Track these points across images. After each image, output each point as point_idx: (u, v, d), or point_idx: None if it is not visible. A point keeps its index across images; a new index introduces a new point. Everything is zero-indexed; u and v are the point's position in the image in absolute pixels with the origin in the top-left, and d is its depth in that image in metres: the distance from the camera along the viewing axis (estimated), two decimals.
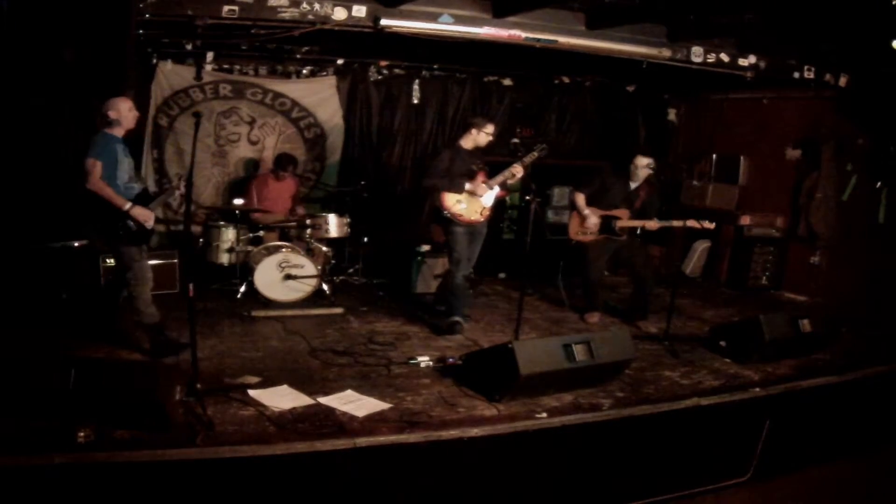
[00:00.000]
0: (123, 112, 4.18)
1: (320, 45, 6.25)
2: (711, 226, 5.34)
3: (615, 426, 3.73)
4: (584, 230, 5.60)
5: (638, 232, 5.62)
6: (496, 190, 5.15)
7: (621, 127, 8.25)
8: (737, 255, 7.38)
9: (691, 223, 5.28)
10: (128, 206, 4.09)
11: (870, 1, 4.71)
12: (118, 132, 4.21)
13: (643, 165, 5.51)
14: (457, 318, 5.20)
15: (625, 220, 5.54)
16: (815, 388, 4.38)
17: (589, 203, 5.62)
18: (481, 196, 5.09)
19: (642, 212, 5.57)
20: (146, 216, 4.16)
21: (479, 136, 5.09)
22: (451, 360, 4.40)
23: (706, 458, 3.98)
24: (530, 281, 6.17)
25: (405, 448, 3.27)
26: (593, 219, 5.56)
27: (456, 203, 5.06)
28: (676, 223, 5.46)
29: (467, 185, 5.04)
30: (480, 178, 5.10)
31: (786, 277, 7.33)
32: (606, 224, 5.55)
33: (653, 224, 5.47)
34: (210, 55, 6.46)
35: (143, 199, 4.26)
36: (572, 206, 5.77)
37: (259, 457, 3.03)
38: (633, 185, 5.62)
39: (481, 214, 5.15)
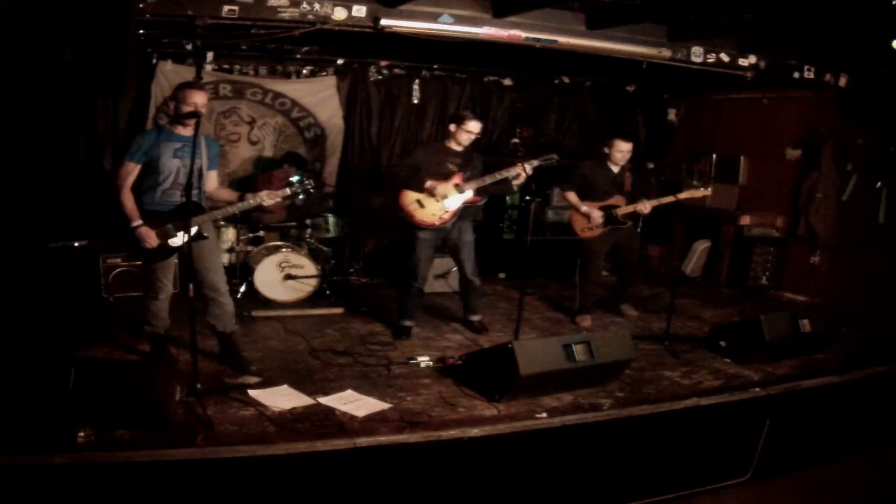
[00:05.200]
0: (197, 105, 3.81)
1: (320, 45, 6.24)
2: (708, 192, 5.58)
3: (615, 426, 3.73)
4: (591, 226, 5.49)
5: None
6: (467, 194, 4.83)
7: (621, 127, 8.21)
8: (737, 255, 7.37)
9: (682, 195, 5.46)
10: (134, 223, 3.83)
11: (870, 1, 4.70)
12: (178, 129, 3.89)
13: (626, 150, 5.46)
14: (406, 323, 5.06)
15: (623, 207, 5.46)
16: (816, 388, 4.38)
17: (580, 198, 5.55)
18: (444, 198, 4.78)
19: (634, 194, 5.53)
20: (142, 238, 3.83)
21: (460, 134, 4.80)
22: (451, 360, 4.40)
23: (706, 458, 3.98)
24: (531, 281, 6.16)
25: (405, 448, 3.27)
26: (596, 212, 5.45)
27: (413, 202, 4.79)
28: (667, 199, 5.45)
29: (427, 183, 4.76)
30: (455, 179, 4.83)
31: (786, 277, 7.33)
32: (608, 215, 5.46)
33: (644, 207, 5.39)
34: (210, 55, 6.45)
35: (181, 211, 3.81)
36: (568, 207, 5.68)
37: (259, 457, 3.03)
38: (615, 170, 5.57)
39: (439, 218, 4.80)
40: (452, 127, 4.86)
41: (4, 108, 5.43)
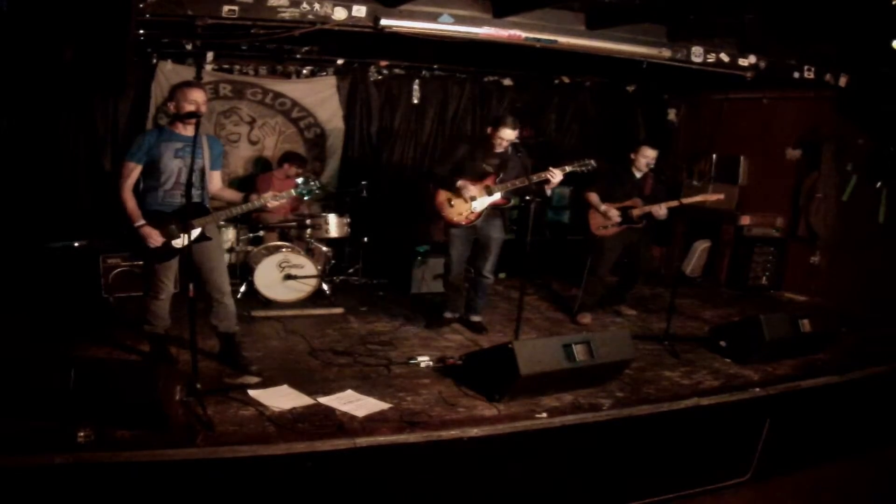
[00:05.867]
0: (198, 103, 3.77)
1: (320, 45, 6.24)
2: (721, 197, 5.78)
3: (615, 426, 3.73)
4: (607, 224, 5.59)
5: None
6: (495, 196, 4.89)
7: (621, 127, 8.24)
8: (737, 255, 7.38)
9: (696, 199, 5.62)
10: (137, 223, 3.80)
11: (870, 1, 4.71)
12: (178, 128, 3.87)
13: (651, 157, 5.55)
14: (448, 315, 5.28)
15: (640, 208, 5.55)
16: (815, 388, 4.38)
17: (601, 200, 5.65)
18: (472, 199, 4.86)
19: (652, 198, 5.61)
20: (145, 238, 3.80)
21: (495, 138, 4.82)
22: (451, 360, 4.39)
23: (706, 458, 3.98)
24: (531, 281, 6.16)
25: (405, 448, 3.27)
26: (614, 211, 5.55)
27: (444, 200, 4.93)
28: (674, 203, 5.47)
29: (458, 183, 4.84)
30: (488, 180, 4.88)
31: (786, 277, 7.33)
32: (624, 215, 5.56)
33: (660, 209, 5.47)
34: (210, 55, 6.46)
35: (182, 212, 3.75)
36: (586, 206, 5.73)
37: (259, 457, 3.03)
38: (637, 175, 5.66)
39: (465, 218, 4.91)
40: (489, 129, 4.89)
41: (4, 109, 5.43)
